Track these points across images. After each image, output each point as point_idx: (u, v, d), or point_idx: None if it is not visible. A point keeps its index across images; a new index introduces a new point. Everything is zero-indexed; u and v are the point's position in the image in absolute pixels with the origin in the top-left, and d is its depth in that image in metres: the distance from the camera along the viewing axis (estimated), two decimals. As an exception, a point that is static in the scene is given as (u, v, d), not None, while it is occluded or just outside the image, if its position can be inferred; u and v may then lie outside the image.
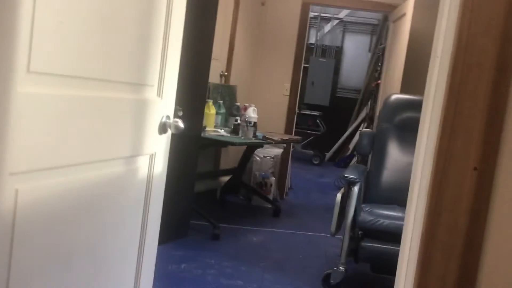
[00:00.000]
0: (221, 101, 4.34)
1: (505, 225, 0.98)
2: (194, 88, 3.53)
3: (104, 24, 1.31)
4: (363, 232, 3.00)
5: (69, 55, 1.19)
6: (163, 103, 1.67)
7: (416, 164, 1.01)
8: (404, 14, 4.56)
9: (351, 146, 7.73)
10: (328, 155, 8.18)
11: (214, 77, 4.42)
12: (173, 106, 1.75)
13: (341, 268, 2.95)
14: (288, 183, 5.57)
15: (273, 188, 4.93)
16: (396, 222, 2.69)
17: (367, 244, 2.92)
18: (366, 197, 3.29)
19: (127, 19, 1.42)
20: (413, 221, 1.00)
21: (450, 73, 0.92)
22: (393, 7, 4.98)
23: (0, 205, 1.04)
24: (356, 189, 2.99)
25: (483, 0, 0.88)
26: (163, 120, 1.68)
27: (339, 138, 8.09)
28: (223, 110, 4.34)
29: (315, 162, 7.97)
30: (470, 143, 0.93)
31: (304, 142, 7.85)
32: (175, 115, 1.79)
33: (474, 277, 0.96)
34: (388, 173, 3.30)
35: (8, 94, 1.03)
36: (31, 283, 1.18)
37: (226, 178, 4.78)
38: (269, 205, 4.74)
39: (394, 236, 2.04)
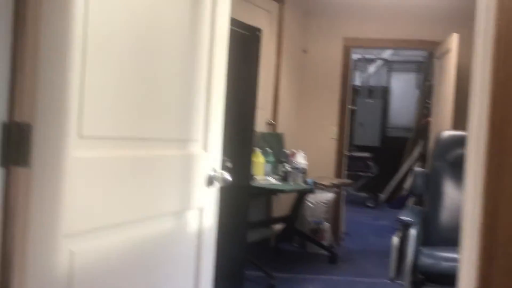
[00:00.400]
0: (269, 149, 4.36)
1: None
2: (241, 138, 3.59)
3: (149, 85, 1.38)
4: (425, 276, 2.87)
5: (118, 118, 1.26)
6: (209, 156, 1.71)
7: (465, 205, 0.97)
8: (449, 50, 4.50)
9: (406, 186, 7.50)
10: (383, 196, 7.97)
11: (260, 126, 4.47)
12: (219, 158, 1.79)
13: (404, 315, 2.81)
14: (343, 228, 5.45)
15: (327, 234, 4.83)
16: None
17: (429, 289, 2.78)
18: (425, 239, 3.16)
19: (171, 78, 1.48)
20: (467, 265, 0.96)
21: (490, 110, 0.89)
22: (437, 43, 4.94)
23: (55, 268, 1.08)
24: (413, 231, 2.89)
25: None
26: (210, 173, 1.72)
27: (393, 179, 7.88)
28: (271, 158, 4.36)
29: (370, 205, 7.77)
30: (520, 181, 0.89)
31: (357, 185, 7.71)
32: (223, 167, 1.83)
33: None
34: (446, 212, 3.17)
35: (62, 160, 1.09)
36: None
37: (279, 226, 4.74)
38: (325, 252, 4.63)
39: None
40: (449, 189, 3.21)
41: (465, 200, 0.98)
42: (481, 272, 0.91)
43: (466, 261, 0.97)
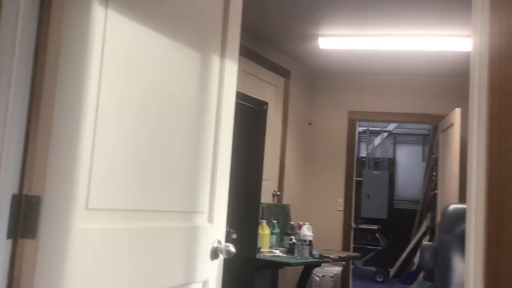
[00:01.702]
0: (275, 221, 4.34)
1: None
2: (247, 210, 3.58)
3: (156, 157, 1.42)
4: None
5: (124, 190, 1.29)
6: (214, 228, 1.71)
7: (467, 283, 0.97)
8: (452, 124, 4.58)
9: (416, 260, 7.33)
10: (392, 271, 7.76)
11: (266, 197, 4.48)
12: (224, 230, 1.79)
13: None
14: (351, 303, 5.28)
15: (335, 310, 4.68)
16: None
17: None
18: (436, 317, 3.06)
19: (177, 150, 1.52)
20: None
21: (487, 187, 0.91)
22: (440, 117, 5.03)
23: None
24: (422, 308, 2.80)
25: (509, 117, 0.90)
26: (215, 245, 1.71)
27: (402, 252, 7.72)
28: (277, 230, 4.32)
29: (379, 280, 7.56)
30: (520, 258, 0.89)
31: (365, 258, 7.54)
32: (229, 239, 1.83)
33: None
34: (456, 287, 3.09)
35: (67, 232, 1.11)
36: None
37: (285, 301, 4.60)
38: (332, 329, 4.46)
39: None
40: (457, 263, 3.14)
41: (467, 276, 0.98)
42: None
43: None
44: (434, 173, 6.30)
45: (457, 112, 4.42)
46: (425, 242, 6.29)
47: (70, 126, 1.11)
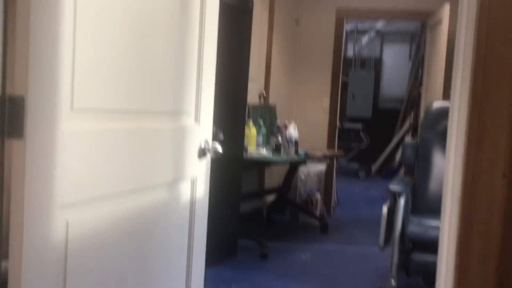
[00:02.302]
0: (261, 121, 4.39)
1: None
2: (233, 110, 3.61)
3: (141, 57, 1.39)
4: (413, 244, 2.95)
5: (109, 89, 1.27)
6: (201, 128, 1.73)
7: (447, 174, 1.01)
8: (440, 21, 4.49)
9: (398, 157, 7.58)
10: (374, 168, 8.05)
11: (253, 98, 4.48)
12: (210, 131, 1.81)
13: (393, 282, 2.90)
14: (334, 198, 5.53)
15: (319, 205, 4.91)
16: (445, 232, 2.62)
17: (418, 256, 2.86)
18: (414, 208, 3.23)
19: (162, 51, 1.49)
20: (447, 232, 1.00)
21: (472, 83, 0.92)
22: (429, 14, 4.92)
23: (51, 238, 1.11)
24: (402, 201, 2.95)
25: (499, 10, 0.88)
26: (202, 145, 1.74)
27: (385, 150, 7.96)
28: (264, 130, 4.38)
29: (361, 176, 7.86)
30: (497, 151, 0.93)
31: (348, 156, 7.78)
32: (216, 139, 1.85)
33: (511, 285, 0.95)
34: (434, 182, 3.23)
35: (54, 131, 1.11)
36: (84, 309, 1.24)
37: (271, 197, 4.81)
38: (317, 222, 4.72)
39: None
40: (437, 159, 3.26)
41: (447, 169, 1.02)
42: (461, 236, 0.95)
43: (447, 226, 1.01)
44: (420, 72, 6.31)
45: (446, 8, 4.32)
46: (407, 139, 6.46)
47: (49, 23, 1.07)
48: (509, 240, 0.94)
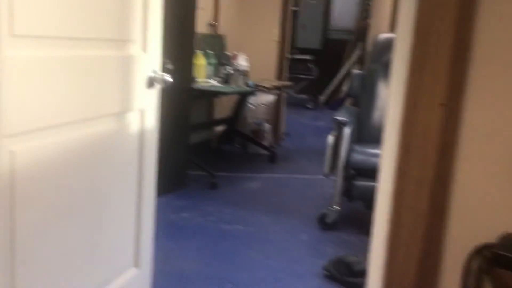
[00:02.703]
0: (211, 52, 4.32)
1: (471, 156, 1.04)
2: (182, 40, 3.52)
3: (81, -17, 1.32)
4: (355, 171, 3.09)
5: (52, 16, 1.21)
6: (149, 57, 1.70)
7: (389, 102, 1.06)
8: (391, -50, 4.46)
9: (345, 88, 7.73)
10: (322, 98, 8.20)
11: (201, 27, 4.37)
12: (159, 60, 1.78)
13: (336, 207, 3.06)
14: (283, 128, 5.64)
15: (268, 135, 5.00)
16: (387, 160, 2.76)
17: (359, 182, 3.02)
18: (358, 138, 3.36)
19: (105, -24, 1.42)
20: (387, 157, 1.06)
21: (416, 13, 0.95)
22: None
23: (-2, 167, 1.10)
24: (346, 130, 3.05)
25: None
26: (150, 74, 1.72)
27: (333, 81, 8.08)
28: (213, 61, 4.33)
29: (310, 107, 8.00)
30: (437, 80, 0.97)
31: (297, 87, 7.85)
32: (164, 69, 1.82)
33: (444, 207, 1.04)
34: (378, 112, 3.35)
35: (-7, 60, 1.06)
36: (35, 240, 1.25)
37: (221, 128, 4.84)
38: (265, 152, 4.82)
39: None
40: (382, 90, 3.36)
41: (389, 98, 1.07)
42: (399, 162, 1.02)
43: (387, 153, 1.07)
44: (369, 3, 6.32)
45: None
46: (355, 70, 6.56)
47: None
48: (442, 164, 1.02)
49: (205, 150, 4.74)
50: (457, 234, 1.09)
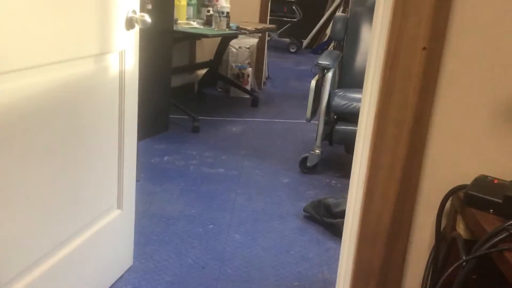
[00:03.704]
0: (192, -9, 4.19)
1: (451, 101, 1.06)
2: (161, -21, 3.40)
3: None
4: (337, 116, 3.12)
5: (21, -49, 1.16)
6: (127, -3, 1.64)
7: (371, 46, 1.05)
8: None
9: (328, 32, 7.63)
10: (305, 42, 8.10)
11: (182, -34, 4.21)
12: None
13: (317, 151, 3.11)
14: (265, 72, 5.59)
15: (250, 79, 4.97)
16: (368, 104, 2.78)
17: (341, 127, 3.05)
18: (341, 82, 3.36)
19: None
20: (368, 101, 1.07)
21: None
22: None
23: (-26, 108, 1.07)
24: (329, 75, 3.05)
25: None
26: (129, 15, 1.67)
27: (316, 25, 7.95)
28: (194, 1, 4.21)
29: (292, 50, 7.92)
30: (419, 24, 0.97)
31: (280, 30, 7.73)
32: (144, 9, 1.77)
33: (422, 150, 1.06)
34: (361, 57, 3.33)
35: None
36: (15, 180, 1.25)
37: (202, 72, 4.78)
38: (247, 96, 4.81)
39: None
40: (366, 34, 3.33)
41: (372, 41, 1.06)
42: (379, 105, 1.02)
43: (368, 96, 1.08)
44: None
45: None
46: (338, 13, 6.46)
47: None
48: (422, 108, 1.03)
49: (187, 93, 4.70)
50: (434, 177, 1.12)
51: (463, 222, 1.05)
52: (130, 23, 1.68)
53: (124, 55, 1.69)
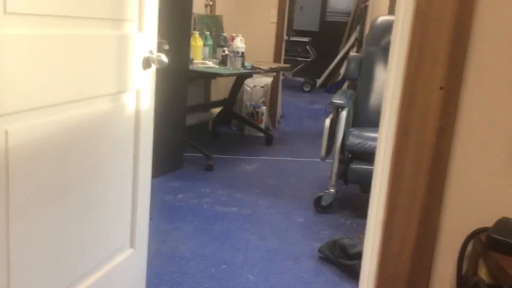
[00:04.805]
0: (208, 33, 4.28)
1: (470, 141, 1.04)
2: (178, 20, 3.48)
3: (76, -40, 1.29)
4: (352, 155, 3.10)
5: (43, -6, 1.19)
6: (145, 37, 1.67)
7: (388, 86, 1.05)
8: None
9: (342, 71, 7.70)
10: (319, 81, 8.18)
11: (198, 8, 4.33)
12: (155, 40, 1.76)
13: (332, 190, 3.07)
14: (279, 111, 5.62)
15: (264, 117, 4.99)
16: (383, 143, 2.76)
17: (355, 166, 3.02)
18: (355, 121, 3.35)
19: (100, -47, 1.39)
20: (385, 141, 1.06)
21: (416, -5, 0.93)
22: None
23: (-8, 146, 1.08)
24: (343, 113, 3.05)
25: None
26: (146, 55, 1.70)
27: (330, 64, 8.04)
28: (210, 42, 4.29)
29: (306, 89, 7.98)
30: (436, 64, 0.96)
31: (294, 69, 7.82)
32: (161, 49, 1.80)
33: (441, 191, 1.03)
34: (376, 96, 3.34)
35: (-14, 38, 1.04)
36: (29, 219, 1.25)
37: (217, 110, 4.82)
38: (262, 134, 4.82)
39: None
40: (380, 73, 3.35)
41: (388, 81, 1.05)
42: (396, 145, 1.01)
43: (385, 136, 1.07)
44: (368, -15, 6.25)
45: None
46: (352, 53, 6.54)
47: None
48: (440, 148, 1.01)
49: (201, 132, 4.73)
50: (454, 219, 1.09)
51: (485, 266, 1.01)
52: (147, 63, 1.70)
53: (140, 94, 1.71)
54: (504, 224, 1.01)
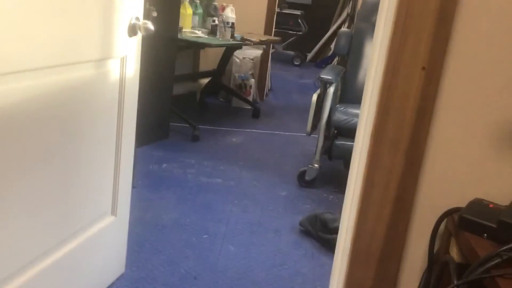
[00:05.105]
0: (198, 1, 4.21)
1: (449, 122, 1.05)
2: (168, -13, 3.42)
3: None
4: (337, 131, 3.11)
5: (26, -46, 1.16)
6: (131, 3, 1.65)
7: (371, 63, 1.05)
8: None
9: (333, 46, 7.65)
10: (309, 56, 8.13)
11: (189, -25, 4.24)
12: (141, 6, 1.73)
13: (316, 165, 3.10)
14: (268, 84, 5.60)
15: (252, 90, 4.97)
16: (368, 121, 2.78)
17: (340, 142, 3.04)
18: (343, 97, 3.36)
19: None
20: (365, 119, 1.07)
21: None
22: None
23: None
24: (331, 89, 3.05)
25: None
26: (132, 21, 1.67)
27: (321, 39, 7.98)
28: (200, 10, 4.23)
29: (296, 63, 7.94)
30: (419, 43, 0.97)
31: (285, 43, 7.75)
32: (149, 16, 1.77)
33: (417, 170, 1.05)
34: (364, 73, 3.33)
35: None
36: (8, 183, 1.25)
37: (205, 81, 4.79)
38: (249, 107, 4.81)
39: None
40: (369, 50, 3.33)
41: (371, 59, 1.06)
42: (376, 123, 1.02)
43: (366, 113, 1.07)
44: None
45: None
46: (343, 29, 6.49)
47: None
48: (419, 128, 1.02)
49: (188, 102, 4.70)
50: (429, 198, 1.11)
51: (457, 245, 1.04)
52: (132, 30, 1.68)
53: (125, 61, 1.69)
54: (477, 205, 1.03)
